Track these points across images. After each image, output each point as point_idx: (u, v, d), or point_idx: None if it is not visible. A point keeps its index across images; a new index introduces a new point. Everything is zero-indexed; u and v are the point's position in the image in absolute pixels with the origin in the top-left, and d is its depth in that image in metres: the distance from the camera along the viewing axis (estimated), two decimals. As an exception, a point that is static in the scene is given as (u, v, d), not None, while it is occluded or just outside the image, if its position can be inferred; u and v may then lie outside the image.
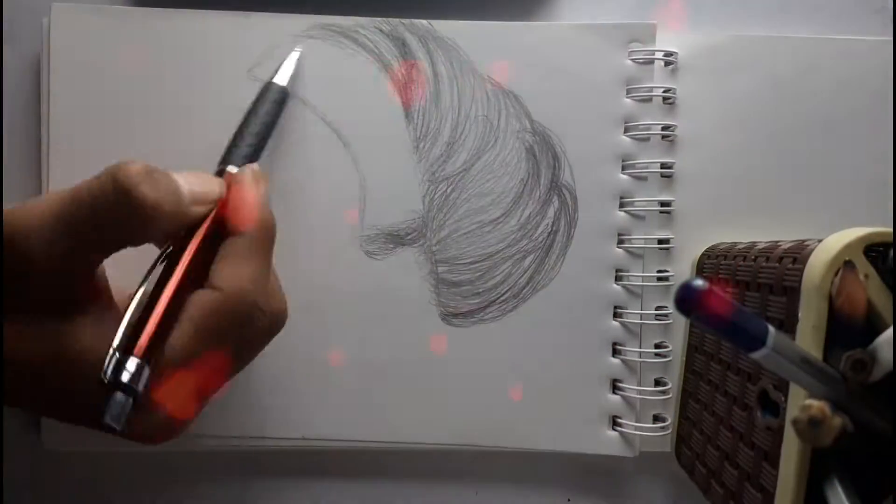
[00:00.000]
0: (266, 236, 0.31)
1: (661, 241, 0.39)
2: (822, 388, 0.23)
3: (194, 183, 0.29)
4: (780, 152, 0.40)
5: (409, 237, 0.39)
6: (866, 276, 0.25)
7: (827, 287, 0.25)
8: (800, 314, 0.26)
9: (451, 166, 0.39)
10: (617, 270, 0.39)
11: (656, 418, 0.39)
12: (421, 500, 0.41)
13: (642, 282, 0.39)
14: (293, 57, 0.38)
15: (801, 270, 0.26)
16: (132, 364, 0.26)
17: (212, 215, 0.30)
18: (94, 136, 0.39)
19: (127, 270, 0.30)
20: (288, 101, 0.37)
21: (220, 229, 0.30)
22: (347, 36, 0.39)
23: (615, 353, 0.39)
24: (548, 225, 0.39)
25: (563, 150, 0.39)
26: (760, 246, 0.32)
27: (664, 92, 0.39)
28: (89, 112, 0.39)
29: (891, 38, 0.40)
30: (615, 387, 0.39)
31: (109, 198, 0.26)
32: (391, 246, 0.39)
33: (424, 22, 0.39)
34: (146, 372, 0.26)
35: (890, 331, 0.23)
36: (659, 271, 0.39)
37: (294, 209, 0.39)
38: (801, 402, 0.23)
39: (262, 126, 0.35)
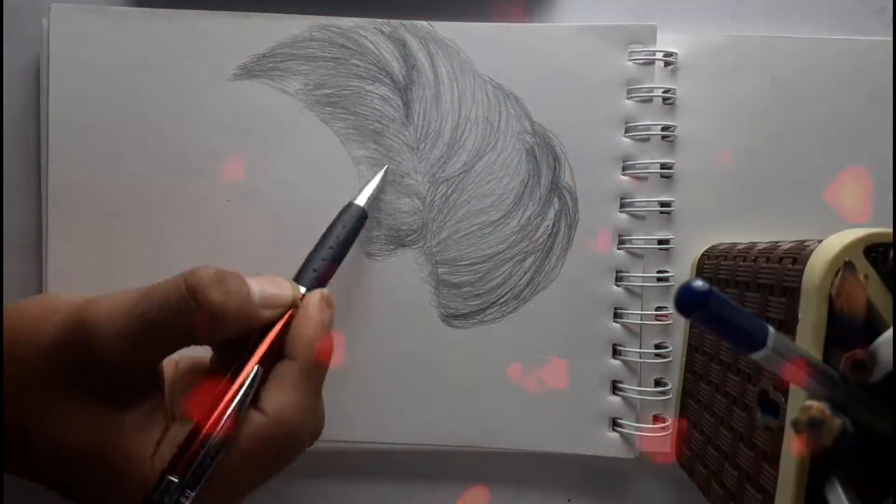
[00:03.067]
0: (320, 366, 0.30)
1: (661, 242, 0.39)
2: (822, 388, 0.23)
3: (267, 286, 0.30)
4: (779, 152, 0.40)
5: (409, 238, 0.39)
6: (866, 276, 0.25)
7: (827, 288, 0.25)
8: (800, 315, 0.26)
9: (451, 167, 0.39)
10: (617, 271, 0.39)
11: (656, 419, 0.39)
12: (421, 501, 0.41)
13: (642, 282, 0.39)
14: (378, 177, 0.38)
15: (801, 271, 0.26)
16: (172, 485, 0.26)
17: (280, 325, 0.30)
18: (93, 135, 0.39)
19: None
20: (367, 222, 0.36)
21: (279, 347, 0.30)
22: (348, 37, 0.39)
23: (615, 353, 0.39)
24: (548, 226, 0.39)
25: (563, 151, 0.39)
26: (760, 246, 0.32)
27: (664, 92, 0.39)
28: (89, 112, 0.39)
29: (891, 38, 0.40)
30: (615, 388, 0.39)
31: (179, 297, 0.27)
32: (391, 247, 0.39)
33: (425, 23, 0.39)
34: (188, 494, 0.26)
35: (890, 331, 0.23)
36: (659, 272, 0.39)
37: (294, 209, 0.39)
38: (800, 402, 0.23)
39: (337, 246, 0.34)
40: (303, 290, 0.32)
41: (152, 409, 0.28)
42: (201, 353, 0.32)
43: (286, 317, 0.30)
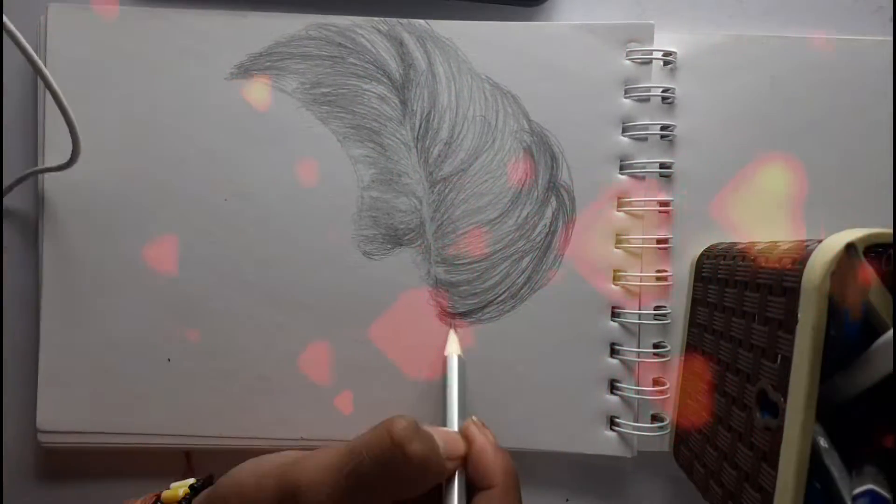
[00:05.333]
0: (514, 483, 0.30)
1: (659, 241, 0.39)
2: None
3: (442, 436, 0.30)
4: (779, 152, 0.39)
5: (407, 237, 0.39)
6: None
7: (827, 287, 0.25)
8: (799, 315, 0.26)
9: (448, 166, 0.39)
10: (615, 270, 0.39)
11: (654, 418, 0.39)
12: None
13: (641, 282, 0.39)
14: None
15: (801, 271, 0.26)
16: None
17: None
18: (91, 134, 0.39)
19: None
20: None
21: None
22: (345, 36, 0.39)
23: (613, 353, 0.39)
24: (546, 225, 0.39)
25: (560, 150, 0.39)
26: (760, 246, 0.32)
27: (662, 92, 0.39)
28: (86, 111, 0.39)
29: (891, 38, 0.40)
30: (613, 387, 0.39)
31: (386, 450, 0.27)
32: (389, 246, 0.39)
33: (422, 22, 0.39)
34: None
35: (890, 332, 0.23)
36: (658, 271, 0.39)
37: (293, 209, 0.39)
38: (800, 403, 0.23)
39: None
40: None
41: None
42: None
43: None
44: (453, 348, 0.38)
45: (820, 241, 0.26)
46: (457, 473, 0.30)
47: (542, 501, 0.41)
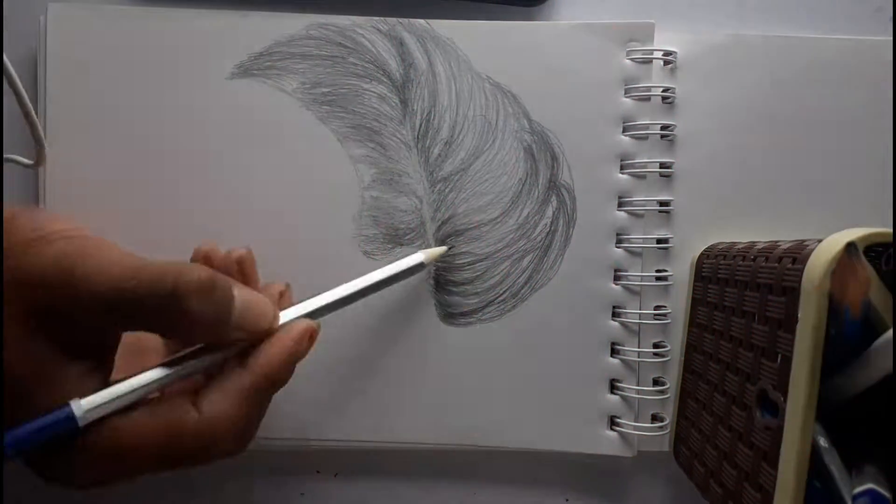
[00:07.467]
0: (271, 387, 0.29)
1: (659, 241, 0.39)
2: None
3: (249, 308, 0.29)
4: (779, 152, 0.39)
5: (407, 237, 0.39)
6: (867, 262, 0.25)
7: (827, 287, 0.25)
8: (799, 314, 0.26)
9: (449, 166, 0.39)
10: (616, 270, 0.39)
11: (655, 418, 0.39)
12: (421, 500, 0.41)
13: (641, 281, 0.39)
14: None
15: (801, 270, 0.26)
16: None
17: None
18: (91, 134, 0.39)
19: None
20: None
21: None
22: (345, 35, 0.39)
23: (614, 352, 0.39)
24: (546, 224, 0.39)
25: (561, 149, 0.39)
26: (760, 246, 0.32)
27: (663, 91, 0.39)
28: (86, 110, 0.39)
29: (891, 38, 0.40)
30: (614, 386, 0.39)
31: (163, 293, 0.26)
32: (390, 246, 0.39)
33: (422, 21, 0.39)
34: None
35: (890, 332, 0.23)
36: (658, 271, 0.39)
37: (293, 209, 0.39)
38: (800, 402, 0.23)
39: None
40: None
41: (96, 366, 0.28)
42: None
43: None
44: (430, 254, 0.37)
45: (820, 241, 0.26)
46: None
47: (542, 501, 0.41)
